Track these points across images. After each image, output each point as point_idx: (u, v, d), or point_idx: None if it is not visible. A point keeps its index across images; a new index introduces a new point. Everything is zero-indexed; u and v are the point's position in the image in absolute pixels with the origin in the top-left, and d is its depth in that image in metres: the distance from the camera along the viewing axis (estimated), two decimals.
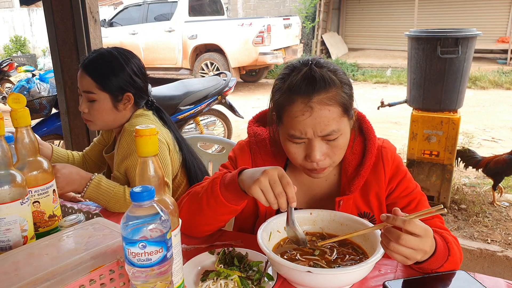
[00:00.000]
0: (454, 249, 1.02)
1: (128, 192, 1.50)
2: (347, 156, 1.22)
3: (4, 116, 1.00)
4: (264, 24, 8.51)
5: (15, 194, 0.97)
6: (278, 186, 0.97)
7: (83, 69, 1.61)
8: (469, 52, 3.14)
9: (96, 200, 1.49)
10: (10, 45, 14.24)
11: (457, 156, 3.40)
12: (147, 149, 0.79)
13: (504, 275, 2.64)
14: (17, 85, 6.86)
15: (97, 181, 1.48)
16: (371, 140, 1.22)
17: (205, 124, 4.91)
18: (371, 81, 9.53)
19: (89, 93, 1.60)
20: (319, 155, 1.09)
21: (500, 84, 8.34)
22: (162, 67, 9.60)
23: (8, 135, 1.06)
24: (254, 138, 1.31)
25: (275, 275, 1.02)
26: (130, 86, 1.63)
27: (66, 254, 0.83)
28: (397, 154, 1.26)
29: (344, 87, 1.10)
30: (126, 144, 1.59)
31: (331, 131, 1.07)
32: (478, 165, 3.48)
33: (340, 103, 1.08)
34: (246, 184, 1.02)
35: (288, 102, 1.09)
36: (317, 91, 1.06)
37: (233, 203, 1.10)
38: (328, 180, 1.28)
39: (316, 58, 1.15)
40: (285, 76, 1.13)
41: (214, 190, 1.11)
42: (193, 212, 1.17)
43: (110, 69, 1.60)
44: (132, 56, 1.67)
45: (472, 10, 10.51)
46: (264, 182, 0.97)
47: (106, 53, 1.63)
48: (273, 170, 0.99)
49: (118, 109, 1.64)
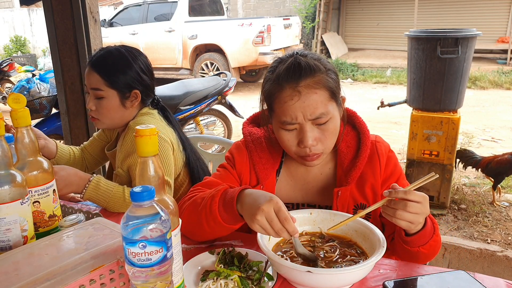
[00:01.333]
0: (437, 230, 1.12)
1: (127, 192, 1.50)
2: (343, 149, 1.28)
3: (4, 116, 1.00)
4: (264, 24, 8.52)
5: (15, 194, 0.97)
6: (276, 223, 0.96)
7: (91, 66, 1.61)
8: (469, 52, 3.14)
9: (95, 200, 1.49)
10: (10, 45, 14.25)
11: (456, 157, 3.40)
12: (147, 149, 0.80)
13: (504, 275, 2.64)
14: (17, 85, 6.86)
15: (96, 182, 1.48)
16: (364, 134, 1.27)
17: (205, 124, 4.91)
18: (371, 81, 9.53)
19: (97, 90, 1.60)
20: (311, 139, 1.14)
21: (500, 84, 8.34)
22: (162, 67, 9.60)
23: (8, 135, 1.06)
24: (249, 137, 1.34)
25: (275, 275, 1.02)
26: (138, 83, 1.64)
27: (66, 254, 0.83)
28: (392, 151, 1.31)
29: (329, 72, 1.16)
30: (130, 142, 1.59)
31: (320, 114, 1.12)
32: (478, 165, 3.47)
33: (326, 87, 1.14)
34: (246, 219, 1.02)
35: (277, 90, 1.15)
36: (304, 77, 1.12)
37: (231, 223, 1.10)
38: (323, 174, 1.32)
39: (300, 50, 1.23)
40: (273, 68, 1.21)
41: (212, 210, 1.10)
42: (192, 224, 1.16)
43: (118, 66, 1.61)
44: (140, 53, 1.68)
45: (472, 10, 10.51)
46: (261, 220, 0.96)
47: (114, 51, 1.64)
48: (269, 206, 0.96)
49: (126, 106, 1.64)
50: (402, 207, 0.99)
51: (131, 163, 1.57)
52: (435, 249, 1.12)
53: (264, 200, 0.98)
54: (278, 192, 1.32)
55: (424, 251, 1.08)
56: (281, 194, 1.32)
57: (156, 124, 1.63)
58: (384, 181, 1.26)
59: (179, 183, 1.73)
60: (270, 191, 1.27)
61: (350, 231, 1.13)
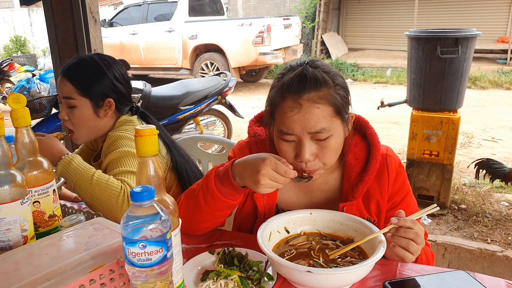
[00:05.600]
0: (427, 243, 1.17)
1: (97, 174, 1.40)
2: (351, 161, 1.23)
3: (4, 116, 1.00)
4: (264, 24, 8.52)
5: (15, 194, 0.97)
6: (280, 179, 1.04)
7: (63, 75, 1.56)
8: (469, 52, 3.14)
9: (66, 178, 1.40)
10: (10, 45, 14.24)
11: (480, 168, 3.17)
12: (147, 149, 0.80)
13: (504, 275, 2.64)
14: (17, 85, 6.87)
15: (68, 159, 1.39)
16: (375, 146, 1.21)
17: (205, 124, 4.91)
18: (371, 81, 9.53)
19: (69, 98, 1.56)
20: (308, 154, 1.10)
21: (500, 84, 8.33)
22: (162, 67, 9.60)
23: (8, 135, 1.06)
24: (254, 139, 1.32)
25: (275, 275, 1.02)
26: (111, 91, 1.60)
27: (66, 254, 0.83)
28: (402, 165, 1.25)
29: (337, 88, 1.11)
30: (109, 149, 1.53)
31: (320, 129, 1.08)
32: (507, 178, 3.04)
33: (331, 103, 1.09)
34: (250, 186, 1.06)
35: (279, 99, 1.13)
36: (308, 89, 1.08)
37: (230, 198, 1.11)
38: (328, 184, 1.28)
39: (314, 59, 1.19)
40: (282, 75, 1.18)
41: (209, 186, 1.12)
42: (191, 210, 1.17)
43: (91, 74, 1.57)
44: (114, 62, 1.64)
45: (472, 10, 10.50)
46: (266, 183, 1.03)
47: (87, 59, 1.60)
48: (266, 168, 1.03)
49: (99, 115, 1.60)
50: (414, 238, 1.00)
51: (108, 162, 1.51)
52: (423, 261, 1.13)
53: (261, 162, 1.03)
54: (281, 198, 1.29)
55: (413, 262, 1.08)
56: (284, 200, 1.29)
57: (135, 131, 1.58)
58: (391, 197, 1.22)
59: (166, 187, 1.69)
60: (273, 196, 1.26)
61: (350, 231, 1.13)
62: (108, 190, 1.36)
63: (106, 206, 1.34)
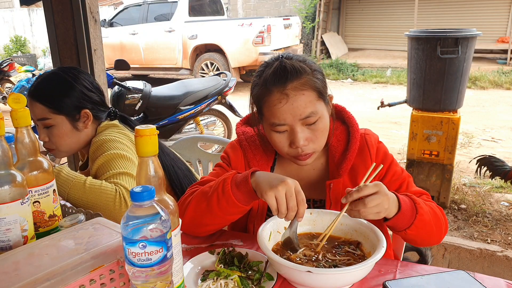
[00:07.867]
0: (422, 208, 1.11)
1: (89, 181, 1.40)
2: (333, 144, 1.31)
3: (4, 116, 1.00)
4: (264, 24, 8.52)
5: (15, 194, 0.97)
6: (293, 200, 1.01)
7: (31, 97, 1.53)
8: (469, 52, 3.14)
9: (58, 190, 1.36)
10: (10, 45, 14.25)
11: (481, 165, 3.22)
12: (147, 149, 0.79)
13: (504, 275, 2.64)
14: (17, 85, 6.87)
15: (56, 171, 1.38)
16: (353, 127, 1.31)
17: (205, 124, 4.91)
18: (371, 81, 9.53)
19: (44, 119, 1.54)
20: (302, 140, 1.17)
21: (500, 84, 8.34)
22: (162, 67, 9.61)
23: (8, 135, 1.06)
24: (243, 136, 1.38)
25: (275, 275, 1.02)
26: (85, 102, 1.58)
27: (66, 254, 0.83)
28: (380, 141, 1.34)
29: (315, 73, 1.19)
30: (95, 153, 1.52)
31: (309, 113, 1.15)
32: (507, 176, 3.09)
33: (313, 88, 1.16)
34: (262, 188, 1.03)
35: (265, 94, 1.18)
36: (290, 79, 1.14)
37: (244, 203, 1.12)
38: (316, 169, 1.35)
39: (286, 53, 1.26)
40: (260, 72, 1.23)
41: (225, 190, 1.11)
42: (200, 212, 1.17)
43: (59, 90, 1.55)
44: (80, 72, 1.62)
45: (472, 10, 10.51)
46: (281, 191, 1.00)
47: (52, 75, 1.58)
48: (293, 182, 1.02)
49: (78, 128, 1.59)
50: (362, 206, 1.02)
51: (98, 166, 1.49)
52: (426, 230, 1.13)
53: (287, 177, 1.03)
54: None
55: (411, 232, 1.10)
56: None
57: (119, 134, 1.59)
58: None
59: None
60: None
61: (350, 231, 1.13)
62: (103, 195, 1.36)
63: (103, 211, 1.34)
